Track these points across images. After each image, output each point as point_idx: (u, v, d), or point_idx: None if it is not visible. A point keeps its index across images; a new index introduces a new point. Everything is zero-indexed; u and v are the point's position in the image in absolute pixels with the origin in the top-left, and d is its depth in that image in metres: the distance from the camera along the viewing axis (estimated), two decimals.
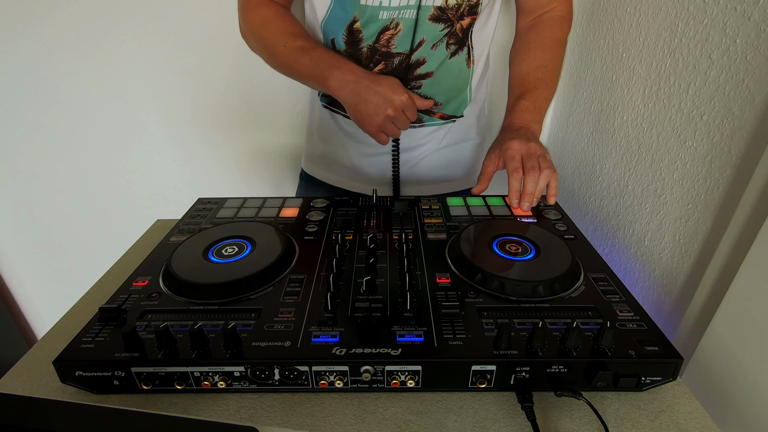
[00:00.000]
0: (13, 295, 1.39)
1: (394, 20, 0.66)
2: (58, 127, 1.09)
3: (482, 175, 0.68)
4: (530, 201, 0.64)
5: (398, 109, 0.64)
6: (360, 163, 0.81)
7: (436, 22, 0.67)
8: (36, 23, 0.96)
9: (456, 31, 0.69)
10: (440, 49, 0.69)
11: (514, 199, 0.65)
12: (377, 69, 0.70)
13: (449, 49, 0.70)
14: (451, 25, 0.68)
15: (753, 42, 0.51)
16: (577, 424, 0.41)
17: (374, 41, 0.68)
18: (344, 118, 0.77)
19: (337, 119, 0.78)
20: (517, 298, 0.48)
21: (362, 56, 0.69)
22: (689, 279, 0.63)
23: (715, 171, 0.57)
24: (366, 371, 0.41)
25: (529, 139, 0.66)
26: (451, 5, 0.66)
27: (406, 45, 0.68)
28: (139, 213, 1.21)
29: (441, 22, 0.67)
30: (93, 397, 0.43)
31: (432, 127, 0.78)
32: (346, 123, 0.77)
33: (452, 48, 0.70)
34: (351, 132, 0.78)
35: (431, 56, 0.70)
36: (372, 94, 0.63)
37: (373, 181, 0.82)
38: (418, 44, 0.68)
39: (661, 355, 0.41)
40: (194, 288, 0.49)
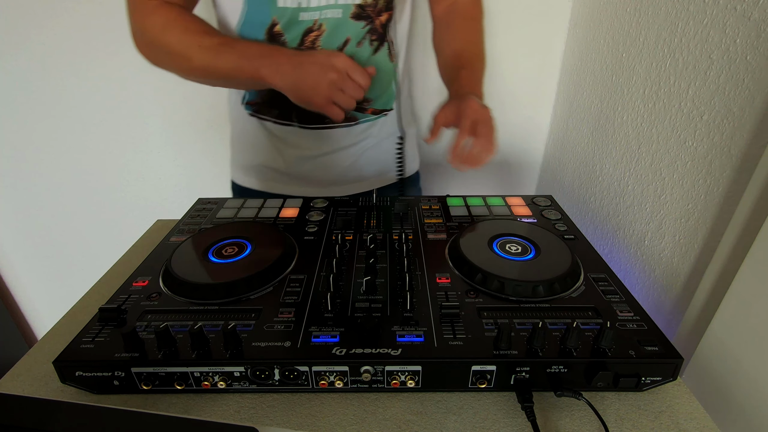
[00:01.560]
0: (13, 295, 1.39)
1: (317, 21, 0.65)
2: (58, 128, 1.09)
3: (435, 126, 0.65)
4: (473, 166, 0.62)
5: (341, 72, 0.58)
6: (299, 168, 0.79)
7: (357, 19, 0.67)
8: (35, 24, 0.96)
9: (376, 27, 0.69)
10: (365, 46, 0.70)
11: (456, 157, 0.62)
12: None
13: (372, 45, 0.70)
14: (371, 21, 0.68)
15: (753, 42, 0.51)
16: (577, 424, 0.41)
17: (299, 44, 0.67)
18: (275, 125, 0.75)
19: (266, 126, 0.76)
20: (517, 298, 0.48)
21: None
22: (689, 279, 0.63)
23: (715, 171, 0.57)
24: (366, 371, 0.41)
25: (485, 105, 0.65)
26: (369, 2, 0.66)
27: (332, 45, 0.67)
28: (139, 213, 1.21)
29: (362, 20, 0.67)
30: (93, 397, 0.43)
31: (366, 123, 0.78)
32: (278, 129, 0.76)
33: (375, 44, 0.71)
34: (284, 137, 0.76)
35: (357, 54, 0.69)
36: (309, 66, 0.58)
37: (316, 183, 0.81)
38: (343, 43, 0.68)
39: (661, 355, 0.41)
40: (194, 288, 0.49)
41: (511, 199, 0.71)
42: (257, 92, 0.74)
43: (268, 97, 0.73)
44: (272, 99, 0.73)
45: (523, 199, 0.71)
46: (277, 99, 0.72)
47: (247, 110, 0.77)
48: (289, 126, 0.75)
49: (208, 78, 0.66)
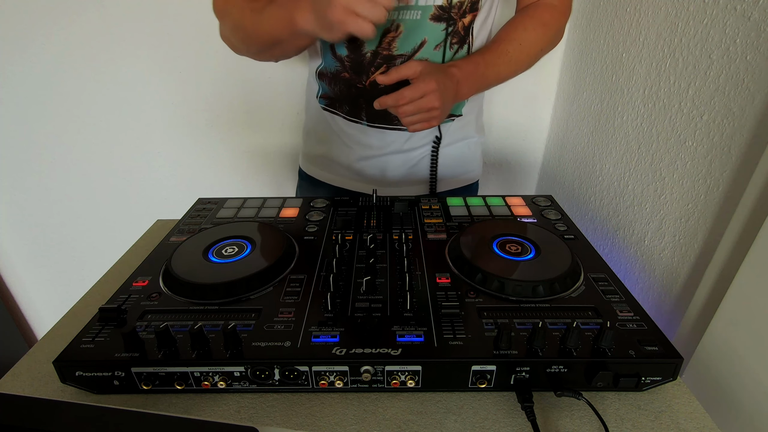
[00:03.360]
0: (13, 295, 1.39)
1: (395, 22, 0.65)
2: (59, 128, 1.09)
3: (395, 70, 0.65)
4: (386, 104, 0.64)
5: None
6: (361, 165, 0.81)
7: (437, 21, 0.66)
8: (35, 25, 0.96)
9: (458, 29, 0.68)
10: (443, 49, 0.69)
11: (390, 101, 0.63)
12: (378, 72, 0.69)
13: (452, 48, 0.70)
14: (453, 23, 0.67)
15: (753, 42, 0.51)
16: (577, 424, 0.41)
17: (377, 45, 0.67)
18: (345, 120, 0.77)
19: (337, 121, 0.78)
20: (517, 298, 0.48)
21: (365, 61, 0.69)
22: (689, 279, 0.63)
23: (715, 171, 0.57)
24: (366, 371, 0.41)
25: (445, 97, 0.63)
26: (453, 3, 0.65)
27: (407, 47, 0.67)
28: (139, 213, 1.21)
29: (442, 21, 0.67)
30: (93, 397, 0.43)
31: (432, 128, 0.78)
32: (347, 125, 0.77)
33: (455, 47, 0.70)
34: (352, 134, 0.78)
35: (434, 57, 0.69)
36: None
37: (373, 181, 0.82)
38: (419, 45, 0.67)
39: (661, 355, 0.41)
40: (194, 288, 0.49)
41: (511, 199, 0.71)
42: (329, 88, 0.75)
43: (340, 94, 0.74)
44: (343, 96, 0.74)
45: (523, 199, 0.71)
46: (347, 96, 0.74)
47: (321, 104, 0.78)
48: (357, 123, 0.76)
49: (263, 44, 0.65)
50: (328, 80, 0.74)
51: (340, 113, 0.77)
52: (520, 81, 1.03)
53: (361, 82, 0.71)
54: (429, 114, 0.64)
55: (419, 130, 0.66)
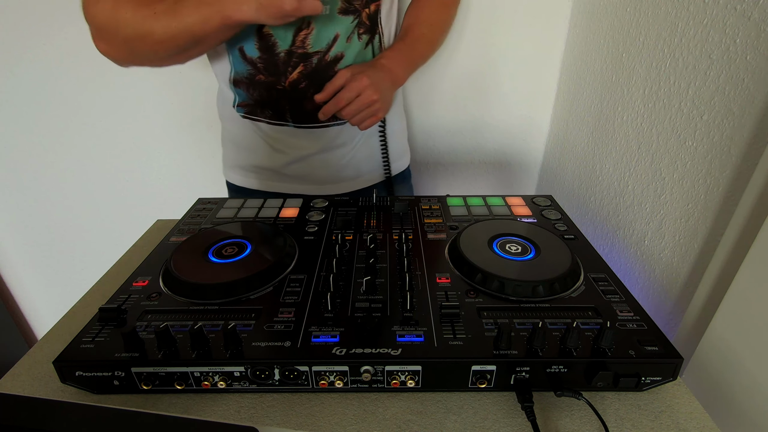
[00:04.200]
0: (13, 295, 1.39)
1: (305, 19, 0.65)
2: (58, 128, 1.09)
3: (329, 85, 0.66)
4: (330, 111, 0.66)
5: None
6: (294, 168, 0.79)
7: (345, 14, 0.67)
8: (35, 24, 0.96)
9: (363, 19, 0.69)
10: (353, 40, 0.69)
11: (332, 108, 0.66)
12: (297, 71, 0.68)
13: (362, 39, 0.70)
14: (358, 14, 0.68)
15: (753, 42, 0.51)
16: (577, 424, 0.41)
17: (291, 44, 0.66)
18: (269, 126, 0.75)
19: (261, 128, 0.76)
20: (517, 298, 0.48)
21: (279, 61, 0.67)
22: (689, 279, 0.63)
23: (715, 171, 0.57)
24: (366, 371, 0.41)
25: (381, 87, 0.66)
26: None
27: (321, 43, 0.67)
28: (139, 213, 1.21)
29: (350, 14, 0.67)
30: (93, 397, 0.43)
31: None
32: (274, 130, 0.75)
33: (364, 38, 0.70)
34: (280, 138, 0.76)
35: (348, 49, 0.69)
36: None
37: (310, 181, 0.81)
38: (333, 40, 0.67)
39: (661, 355, 0.41)
40: (194, 288, 0.49)
41: (511, 199, 0.71)
42: (246, 94, 0.73)
43: (259, 99, 0.72)
44: (263, 100, 0.72)
45: (523, 199, 0.71)
46: (268, 99, 0.72)
47: (239, 112, 0.76)
48: (283, 126, 0.74)
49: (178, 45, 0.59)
50: (245, 86, 0.71)
51: (264, 119, 0.75)
52: (520, 81, 1.04)
53: (281, 84, 0.69)
54: (372, 108, 0.66)
55: (370, 126, 0.68)
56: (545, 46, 1.00)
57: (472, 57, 1.01)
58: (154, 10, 0.56)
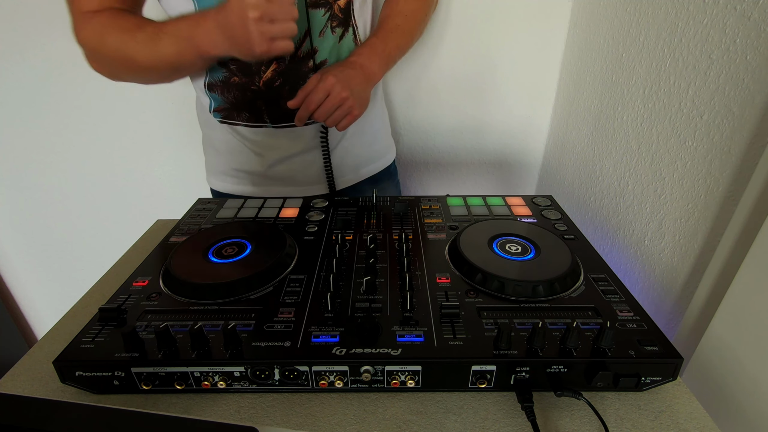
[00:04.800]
0: (13, 295, 1.39)
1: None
2: (58, 128, 1.09)
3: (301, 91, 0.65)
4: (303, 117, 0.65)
5: (258, 5, 0.53)
6: (276, 170, 0.78)
7: (315, 8, 0.66)
8: (35, 24, 0.96)
9: (335, 12, 0.68)
10: (326, 34, 0.68)
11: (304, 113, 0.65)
12: (270, 70, 0.68)
13: (335, 32, 0.69)
14: (329, 7, 0.67)
15: (753, 42, 0.51)
16: (577, 424, 0.41)
17: None
18: (247, 129, 0.74)
19: (239, 131, 0.75)
20: (517, 298, 0.48)
21: (252, 62, 0.67)
22: (689, 279, 0.63)
23: (715, 171, 0.57)
24: (366, 371, 0.41)
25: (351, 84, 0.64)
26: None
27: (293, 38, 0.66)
28: (139, 213, 1.21)
29: (320, 7, 0.66)
30: (93, 397, 0.43)
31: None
32: (252, 132, 0.75)
33: (338, 31, 0.69)
34: (259, 140, 0.75)
35: (321, 44, 0.68)
36: (229, 18, 0.54)
37: (292, 183, 0.80)
38: (304, 34, 0.67)
39: (661, 355, 0.41)
40: (194, 288, 0.49)
41: (511, 199, 0.71)
42: (221, 98, 0.72)
43: (235, 101, 0.71)
44: (240, 102, 0.71)
45: (523, 199, 0.71)
46: (243, 101, 0.71)
47: (216, 117, 0.75)
48: (261, 128, 0.74)
49: (161, 72, 0.63)
50: (220, 90, 0.71)
51: (241, 122, 0.74)
52: (520, 81, 1.04)
53: (255, 84, 0.69)
54: (344, 107, 0.64)
55: (346, 125, 0.66)
56: (545, 46, 1.00)
57: (472, 57, 1.01)
58: (135, 39, 0.59)
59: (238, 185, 0.82)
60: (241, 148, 0.77)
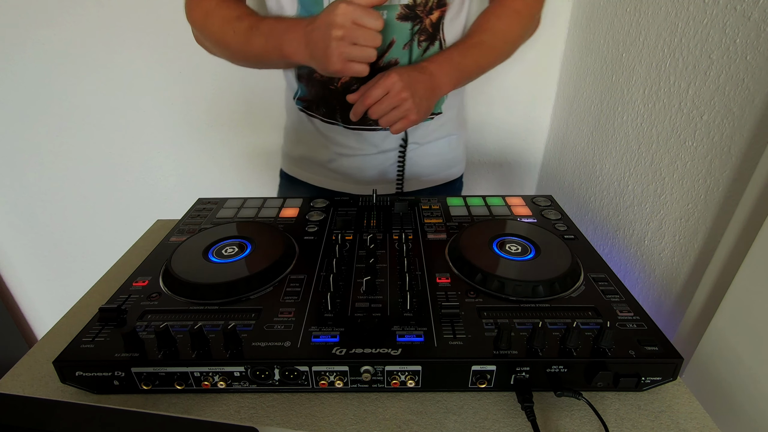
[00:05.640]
0: (13, 295, 1.39)
1: None
2: (59, 128, 1.09)
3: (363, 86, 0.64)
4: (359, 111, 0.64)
5: (345, 25, 0.53)
6: (337, 164, 0.80)
7: (404, 20, 0.66)
8: (35, 24, 0.96)
9: (426, 26, 0.68)
10: (413, 47, 0.68)
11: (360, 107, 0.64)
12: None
13: (421, 46, 0.69)
14: (420, 21, 0.67)
15: (753, 42, 0.51)
16: (577, 424, 0.41)
17: None
18: (321, 122, 0.76)
19: (314, 123, 0.77)
20: (517, 298, 0.48)
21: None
22: (689, 279, 0.63)
23: (715, 171, 0.57)
24: (366, 371, 0.41)
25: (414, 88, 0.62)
26: (419, 1, 0.65)
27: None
28: (139, 213, 1.21)
29: (409, 20, 0.66)
30: (93, 397, 0.43)
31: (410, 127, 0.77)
32: (324, 127, 0.76)
33: (424, 45, 0.69)
34: (329, 135, 0.77)
35: (404, 56, 0.69)
36: (315, 32, 0.56)
37: (350, 179, 0.82)
38: (388, 45, 0.67)
39: (661, 355, 0.41)
40: (194, 288, 0.49)
41: (511, 199, 0.71)
42: (306, 89, 0.75)
43: (316, 96, 0.74)
44: (319, 97, 0.74)
45: (523, 199, 0.71)
46: (322, 97, 0.73)
47: (298, 105, 0.78)
48: (334, 125, 0.76)
49: (249, 62, 0.68)
50: (306, 81, 0.74)
51: (317, 115, 0.76)
52: (520, 81, 1.04)
53: (333, 84, 0.70)
54: (402, 108, 0.62)
55: (401, 129, 0.64)
56: (545, 46, 1.00)
57: None
58: (233, 28, 0.64)
59: (305, 171, 0.85)
60: (313, 138, 0.80)
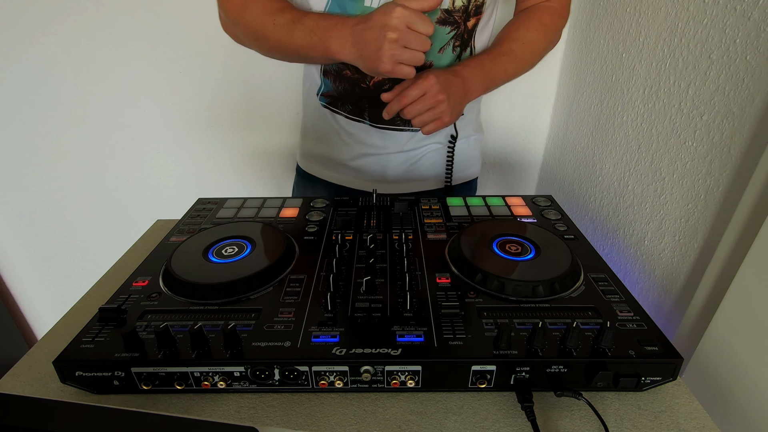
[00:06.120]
0: (13, 295, 1.39)
1: None
2: (59, 128, 1.09)
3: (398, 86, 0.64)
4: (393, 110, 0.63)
5: (399, 28, 0.55)
6: (360, 163, 0.81)
7: (443, 24, 0.67)
8: (35, 24, 0.96)
9: (461, 32, 0.69)
10: (447, 52, 0.69)
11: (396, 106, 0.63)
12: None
13: (455, 51, 0.70)
14: (457, 27, 0.68)
15: (753, 42, 0.51)
16: (577, 424, 0.41)
17: None
18: (346, 119, 0.76)
19: (338, 120, 0.78)
20: (517, 298, 0.48)
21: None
22: (689, 279, 0.63)
23: (715, 171, 0.57)
24: (366, 371, 0.41)
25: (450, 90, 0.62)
26: (458, 7, 0.66)
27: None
28: (139, 213, 1.21)
29: (448, 25, 0.67)
30: (93, 397, 0.43)
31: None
32: (349, 124, 0.77)
33: (458, 50, 0.70)
34: (353, 133, 0.78)
35: (438, 60, 0.69)
36: (367, 32, 0.56)
37: (373, 178, 0.82)
38: None
39: (661, 355, 0.41)
40: (194, 288, 0.49)
41: (511, 199, 0.71)
42: (332, 85, 0.74)
43: (343, 92, 0.74)
44: (346, 94, 0.73)
45: (523, 199, 0.71)
46: (351, 95, 0.73)
47: (321, 101, 0.77)
48: (360, 122, 0.75)
49: (285, 56, 0.66)
50: (333, 77, 0.74)
51: (342, 112, 0.76)
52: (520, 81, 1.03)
53: (365, 82, 0.71)
54: (437, 110, 0.62)
55: (433, 130, 0.64)
56: None
57: None
58: (273, 21, 0.62)
59: (323, 168, 0.85)
60: (334, 135, 0.79)
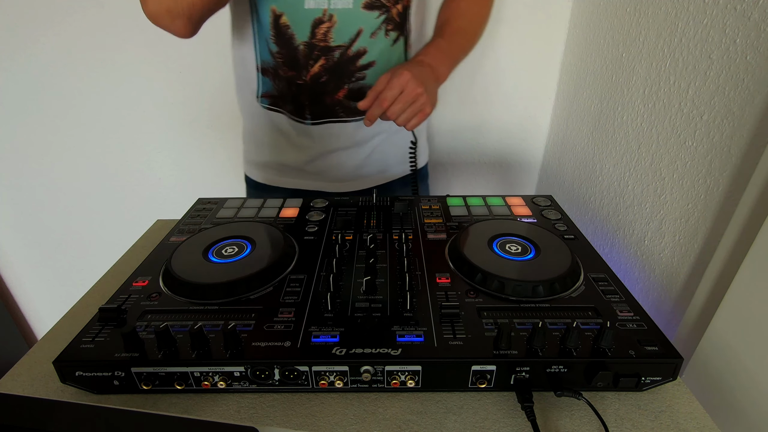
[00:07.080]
0: (13, 295, 1.39)
1: (326, 12, 0.64)
2: (59, 128, 1.09)
3: (371, 91, 0.64)
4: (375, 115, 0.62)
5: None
6: (313, 165, 0.79)
7: (370, 9, 0.66)
8: (35, 24, 0.96)
9: (393, 15, 0.68)
10: (379, 36, 0.69)
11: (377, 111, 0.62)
12: (318, 65, 0.68)
13: (389, 36, 0.69)
14: (386, 10, 0.67)
15: (753, 42, 0.51)
16: (577, 424, 0.41)
17: (310, 37, 0.66)
18: (288, 120, 0.75)
19: (282, 122, 0.76)
20: (517, 298, 0.48)
21: (299, 55, 0.67)
22: (689, 279, 0.63)
23: (715, 171, 0.57)
24: (366, 371, 0.41)
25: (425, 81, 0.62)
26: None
27: (344, 37, 0.66)
28: (139, 213, 1.21)
29: (376, 9, 0.66)
30: (93, 397, 0.43)
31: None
32: (293, 125, 0.75)
33: (392, 35, 0.70)
34: (298, 134, 0.76)
35: (372, 45, 0.69)
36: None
37: (328, 178, 0.81)
38: (356, 34, 0.67)
39: (661, 355, 0.41)
40: (194, 288, 0.49)
41: (511, 199, 0.71)
42: (272, 85, 0.73)
43: (283, 91, 0.73)
44: (286, 94, 0.72)
45: (523, 199, 0.71)
46: (289, 94, 0.72)
47: (263, 104, 0.76)
48: (302, 123, 0.75)
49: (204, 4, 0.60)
50: (272, 75, 0.71)
51: (285, 112, 0.74)
52: (520, 81, 1.04)
53: (302, 78, 0.69)
54: (417, 104, 0.62)
55: (417, 124, 0.64)
56: (545, 46, 1.00)
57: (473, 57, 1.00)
58: None
59: (274, 176, 0.83)
60: (280, 139, 0.78)
